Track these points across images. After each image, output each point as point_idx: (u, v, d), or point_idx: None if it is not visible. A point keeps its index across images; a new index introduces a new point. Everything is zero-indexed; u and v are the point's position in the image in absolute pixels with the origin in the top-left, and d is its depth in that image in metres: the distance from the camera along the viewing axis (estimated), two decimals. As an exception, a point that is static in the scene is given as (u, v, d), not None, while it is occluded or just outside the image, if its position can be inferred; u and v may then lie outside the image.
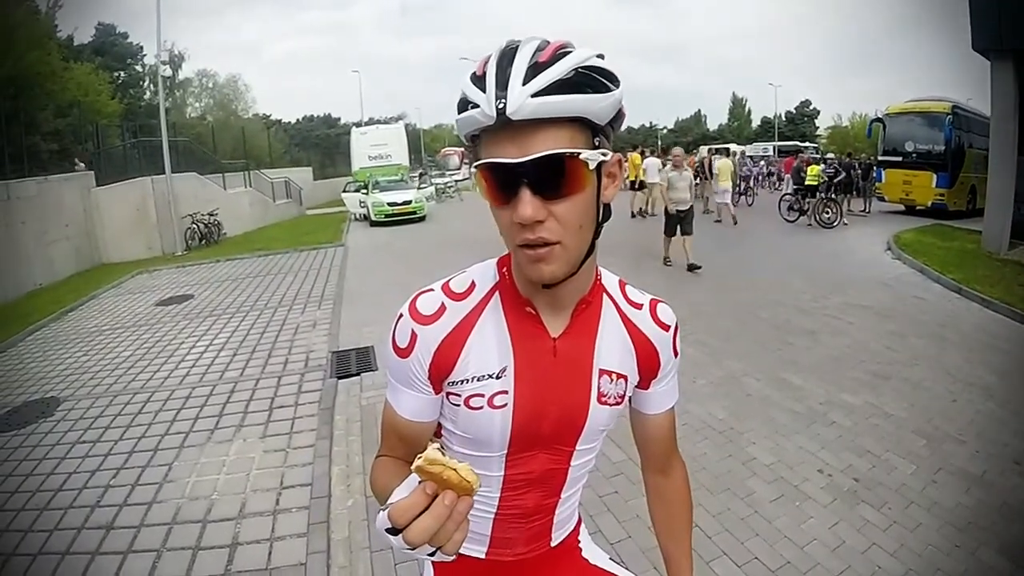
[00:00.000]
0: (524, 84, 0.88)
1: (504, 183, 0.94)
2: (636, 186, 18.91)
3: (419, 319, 1.11)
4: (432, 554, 0.85)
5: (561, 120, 0.91)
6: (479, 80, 0.93)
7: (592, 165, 0.94)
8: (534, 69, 0.90)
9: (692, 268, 10.59)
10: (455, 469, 0.82)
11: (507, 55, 0.92)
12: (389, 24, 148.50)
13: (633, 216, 18.54)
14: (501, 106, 0.88)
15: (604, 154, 0.95)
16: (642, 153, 21.21)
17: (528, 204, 0.92)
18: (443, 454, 0.83)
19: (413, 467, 0.84)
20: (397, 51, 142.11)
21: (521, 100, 0.88)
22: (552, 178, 0.92)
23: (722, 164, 17.43)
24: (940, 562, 3.24)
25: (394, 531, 0.83)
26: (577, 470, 1.27)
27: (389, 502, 0.86)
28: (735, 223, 16.51)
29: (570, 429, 1.19)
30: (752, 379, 5.80)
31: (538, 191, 0.92)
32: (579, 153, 0.92)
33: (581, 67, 0.92)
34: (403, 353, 1.13)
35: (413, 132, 56.01)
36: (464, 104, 0.95)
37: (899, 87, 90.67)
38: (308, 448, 4.83)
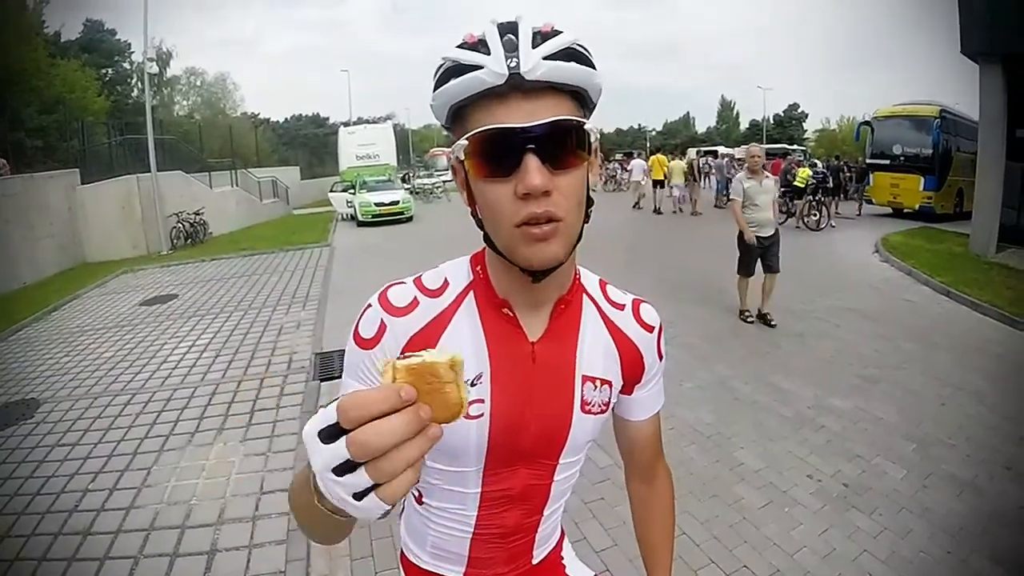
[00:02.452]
0: (534, 48, 0.86)
1: (506, 152, 0.88)
2: (662, 185, 20.80)
3: (390, 310, 1.05)
4: (360, 495, 0.61)
5: (562, 91, 0.90)
6: (477, 45, 0.89)
7: (593, 138, 0.93)
8: (539, 37, 0.88)
9: (766, 319, 7.69)
10: (459, 386, 0.64)
11: (506, 25, 0.89)
12: (379, 24, 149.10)
13: (657, 211, 20.71)
14: (514, 65, 0.85)
15: (596, 133, 0.94)
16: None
17: (537, 173, 0.86)
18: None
19: (403, 363, 0.63)
20: (387, 51, 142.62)
21: (535, 60, 0.86)
22: (559, 147, 0.89)
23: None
24: (931, 569, 3.21)
25: (333, 433, 0.61)
26: (560, 484, 1.20)
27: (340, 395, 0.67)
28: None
29: (552, 441, 1.12)
30: (740, 383, 5.76)
31: (545, 160, 0.87)
32: (583, 123, 0.91)
33: (576, 44, 0.91)
34: (366, 344, 1.04)
35: (401, 132, 55.91)
36: (455, 71, 0.89)
37: (888, 90, 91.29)
38: (289, 452, 4.75)
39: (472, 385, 1.04)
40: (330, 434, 0.61)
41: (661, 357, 1.24)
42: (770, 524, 3.63)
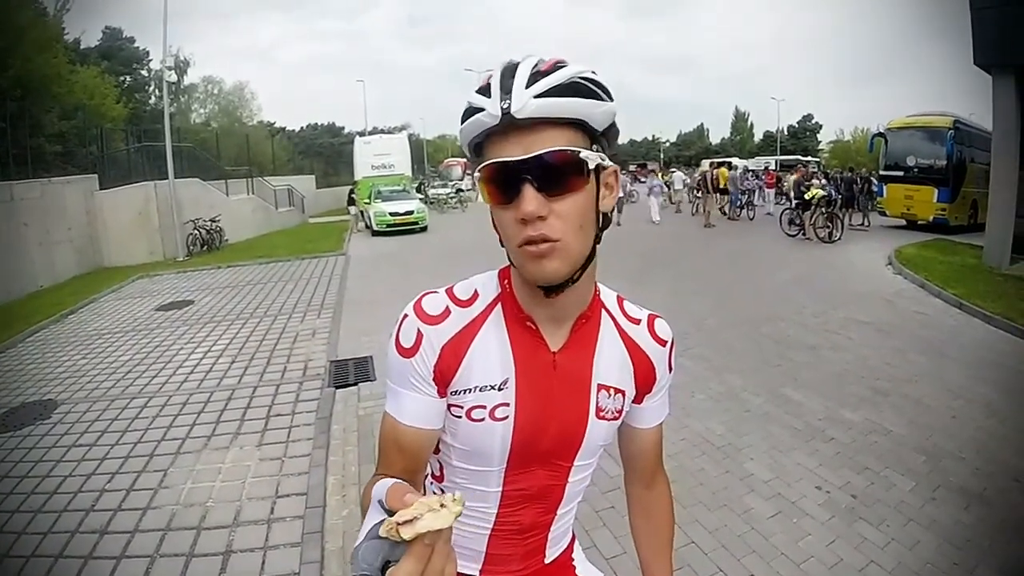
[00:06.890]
0: (527, 88, 0.94)
1: (507, 182, 0.97)
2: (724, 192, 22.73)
3: (425, 319, 1.11)
4: None
5: (562, 124, 0.96)
6: (484, 89, 0.98)
7: (591, 164, 0.98)
8: (535, 76, 0.95)
9: None
10: (435, 508, 0.72)
11: (509, 68, 0.98)
12: (395, 36, 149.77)
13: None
14: (506, 106, 0.93)
15: (602, 158, 1.00)
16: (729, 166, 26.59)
17: (531, 199, 0.94)
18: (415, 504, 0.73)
19: (402, 534, 0.71)
20: (402, 62, 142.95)
21: (525, 100, 0.93)
22: (553, 175, 0.96)
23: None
24: (938, 581, 3.22)
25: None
26: (574, 486, 1.27)
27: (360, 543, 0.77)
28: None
29: (569, 444, 1.19)
30: (751, 394, 5.78)
31: (540, 188, 0.95)
32: (578, 152, 0.96)
33: (578, 77, 0.97)
34: (408, 352, 1.11)
35: (416, 142, 56.08)
36: (469, 112, 0.99)
37: (901, 101, 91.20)
38: (304, 457, 4.81)
39: (499, 390, 1.12)
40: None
41: (671, 369, 1.30)
42: (778, 534, 3.65)
